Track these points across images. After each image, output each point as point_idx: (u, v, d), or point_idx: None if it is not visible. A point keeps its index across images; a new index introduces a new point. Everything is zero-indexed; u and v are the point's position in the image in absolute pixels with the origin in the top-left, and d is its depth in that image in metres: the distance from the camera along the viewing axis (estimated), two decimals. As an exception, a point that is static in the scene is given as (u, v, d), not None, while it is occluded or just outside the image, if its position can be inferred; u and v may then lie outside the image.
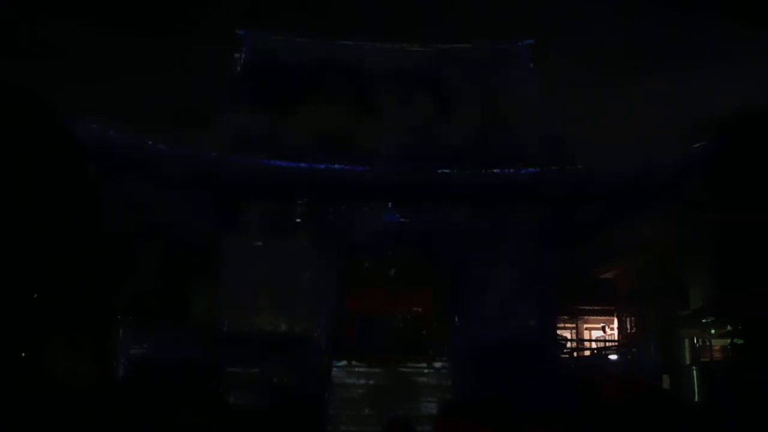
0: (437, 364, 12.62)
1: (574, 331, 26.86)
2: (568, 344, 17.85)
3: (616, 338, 25.84)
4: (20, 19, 20.25)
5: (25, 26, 20.37)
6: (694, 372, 16.65)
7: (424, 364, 12.62)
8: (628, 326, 26.32)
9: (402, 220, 13.29)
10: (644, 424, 10.16)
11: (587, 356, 18.41)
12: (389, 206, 13.26)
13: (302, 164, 11.97)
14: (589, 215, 13.54)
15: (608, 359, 16.85)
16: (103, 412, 9.36)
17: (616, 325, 27.29)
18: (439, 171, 12.14)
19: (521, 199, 12.93)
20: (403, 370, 12.39)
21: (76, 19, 21.74)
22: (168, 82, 21.82)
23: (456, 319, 13.09)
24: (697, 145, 12.58)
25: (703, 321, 19.51)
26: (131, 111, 13.62)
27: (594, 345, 23.92)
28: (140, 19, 23.25)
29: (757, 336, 16.40)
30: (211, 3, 25.29)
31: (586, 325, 27.73)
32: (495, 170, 12.17)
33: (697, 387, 15.97)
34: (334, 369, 12.33)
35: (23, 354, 14.82)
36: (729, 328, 17.90)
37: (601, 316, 27.66)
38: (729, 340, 18.02)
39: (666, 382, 15.15)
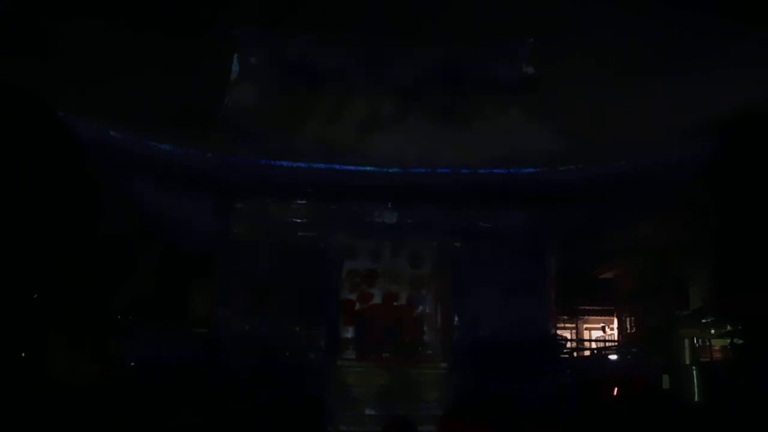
0: (437, 364, 12.62)
1: (574, 331, 26.91)
2: (568, 344, 17.83)
3: (616, 338, 25.87)
4: (21, 18, 20.23)
5: (25, 25, 20.35)
6: (694, 372, 16.67)
7: (424, 364, 12.62)
8: (628, 326, 26.36)
9: (402, 219, 13.29)
10: (644, 424, 10.17)
11: (587, 356, 18.43)
12: (389, 206, 13.25)
13: (302, 164, 11.94)
14: (589, 215, 13.53)
15: (608, 359, 16.87)
16: (103, 412, 9.37)
17: (616, 325, 27.32)
18: (440, 171, 12.13)
19: (522, 199, 12.92)
20: (403, 370, 12.39)
21: (75, 19, 21.71)
22: (168, 82, 21.78)
23: (456, 318, 13.07)
24: (698, 145, 12.57)
25: (703, 321, 19.55)
26: (132, 111, 13.58)
27: (594, 345, 23.95)
28: (140, 19, 23.21)
29: (757, 336, 16.42)
30: (212, 3, 25.26)
31: (586, 325, 27.78)
32: (495, 170, 12.15)
33: (697, 387, 15.98)
34: (334, 369, 12.32)
35: (23, 354, 14.83)
36: (729, 328, 17.91)
37: (601, 316, 27.74)
38: (729, 340, 18.04)
39: (666, 382, 15.15)
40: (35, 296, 16.50)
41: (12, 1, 20.04)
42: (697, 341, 20.08)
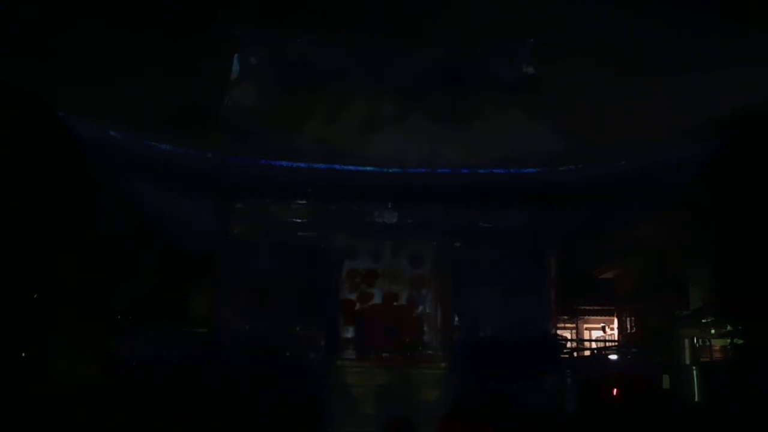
0: (437, 364, 12.63)
1: (574, 331, 26.89)
2: (568, 344, 17.83)
3: (616, 338, 25.86)
4: (21, 18, 20.25)
5: (25, 25, 20.36)
6: (694, 372, 16.68)
7: (425, 364, 12.63)
8: (628, 326, 26.34)
9: (402, 219, 13.29)
10: (644, 424, 10.18)
11: (587, 356, 18.42)
12: (389, 206, 13.26)
13: (302, 164, 11.95)
14: (589, 215, 13.53)
15: (608, 359, 16.87)
16: (103, 412, 9.37)
17: (616, 325, 27.30)
18: (440, 171, 12.13)
19: (522, 199, 12.93)
20: (403, 370, 12.40)
21: (75, 19, 21.72)
22: (168, 82, 21.78)
23: (456, 318, 13.08)
24: (698, 145, 12.57)
25: (703, 321, 19.55)
26: (132, 111, 13.59)
27: (594, 345, 23.93)
28: (140, 19, 23.21)
29: (757, 336, 16.42)
30: (212, 3, 25.27)
31: (586, 325, 27.76)
32: (495, 170, 12.16)
33: (697, 387, 15.99)
34: (334, 369, 12.32)
35: (23, 354, 14.83)
36: (729, 328, 17.91)
37: (601, 316, 27.71)
38: (729, 340, 18.03)
39: (666, 382, 15.16)
40: (35, 296, 16.49)
41: (12, 1, 20.05)
42: (697, 341, 20.09)
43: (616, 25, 24.82)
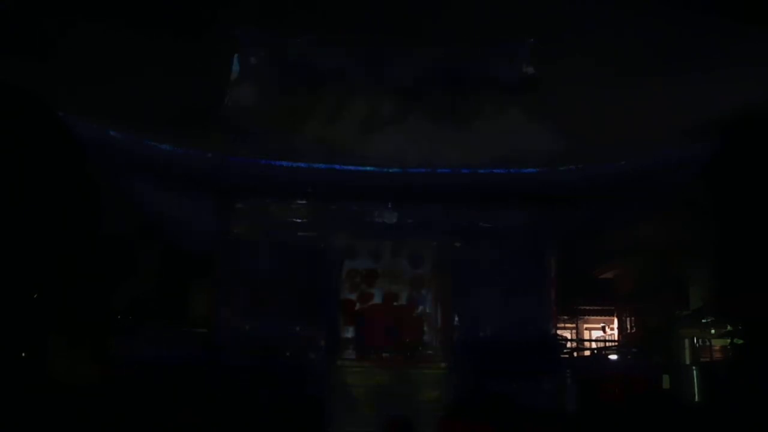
0: (437, 364, 12.63)
1: (574, 331, 26.91)
2: (568, 344, 17.84)
3: (616, 338, 25.89)
4: (21, 18, 20.25)
5: (25, 25, 20.37)
6: (694, 372, 16.68)
7: (424, 364, 12.63)
8: (628, 326, 26.37)
9: (402, 219, 13.29)
10: (644, 424, 10.20)
11: (587, 356, 18.44)
12: (389, 206, 13.26)
13: (302, 164, 11.95)
14: (589, 215, 13.53)
15: (608, 359, 16.88)
16: (103, 412, 9.38)
17: (616, 325, 27.33)
18: (440, 171, 12.13)
19: (522, 199, 12.93)
20: (404, 370, 12.40)
21: (75, 19, 21.73)
22: (168, 82, 21.78)
23: (456, 318, 13.09)
24: (698, 145, 12.57)
25: (703, 321, 19.56)
26: (132, 111, 13.59)
27: (594, 345, 23.95)
28: (139, 19, 23.21)
29: (757, 336, 16.43)
30: (212, 3, 25.27)
31: (586, 325, 27.79)
32: (495, 170, 12.16)
33: (697, 387, 16.00)
34: (334, 369, 12.33)
35: (23, 354, 14.84)
36: (729, 328, 17.92)
37: (601, 316, 27.73)
38: (729, 340, 18.05)
39: (666, 382, 15.16)
40: (35, 296, 16.50)
41: (12, 1, 20.04)
42: (697, 341, 20.11)
43: (616, 25, 24.82)
